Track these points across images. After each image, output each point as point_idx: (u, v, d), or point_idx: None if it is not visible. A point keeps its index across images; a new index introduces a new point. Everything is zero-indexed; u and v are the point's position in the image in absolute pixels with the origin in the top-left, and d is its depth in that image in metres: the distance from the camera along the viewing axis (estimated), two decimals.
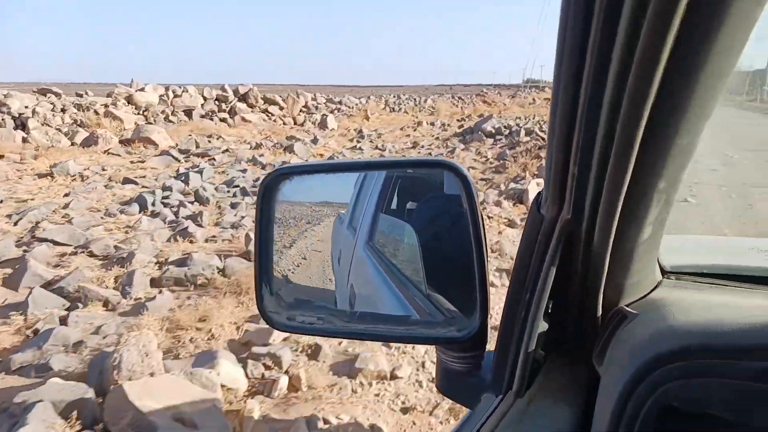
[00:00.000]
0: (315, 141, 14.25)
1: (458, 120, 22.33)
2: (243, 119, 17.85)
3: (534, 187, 7.36)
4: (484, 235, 0.72)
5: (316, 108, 21.82)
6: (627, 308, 0.64)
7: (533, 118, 20.98)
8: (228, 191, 8.67)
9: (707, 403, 0.47)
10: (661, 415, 0.49)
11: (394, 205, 1.07)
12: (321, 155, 12.53)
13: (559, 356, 0.71)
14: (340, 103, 24.68)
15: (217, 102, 18.58)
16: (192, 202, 7.88)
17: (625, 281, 0.65)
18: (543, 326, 0.67)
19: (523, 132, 14.61)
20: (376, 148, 14.19)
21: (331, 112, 22.69)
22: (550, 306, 0.68)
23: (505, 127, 16.06)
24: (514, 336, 0.67)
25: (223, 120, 17.59)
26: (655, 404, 0.49)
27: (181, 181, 9.02)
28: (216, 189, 8.75)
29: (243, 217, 7.00)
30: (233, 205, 7.64)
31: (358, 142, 15.42)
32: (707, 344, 0.49)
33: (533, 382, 0.68)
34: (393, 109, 28.05)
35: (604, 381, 0.59)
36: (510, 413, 0.65)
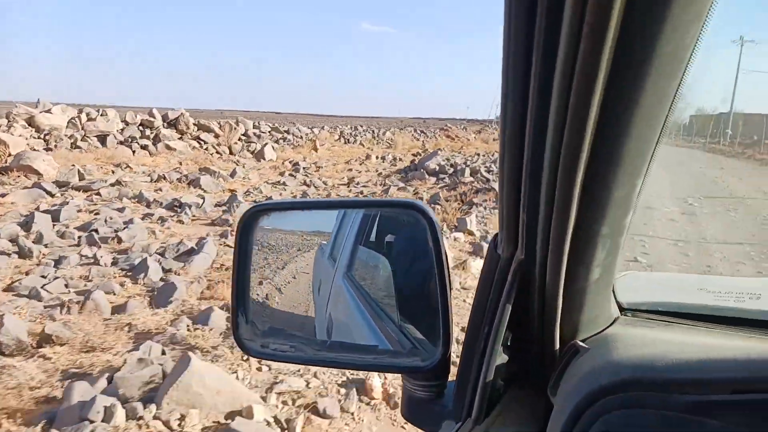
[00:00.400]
0: (233, 174, 12.59)
1: (413, 154, 21.00)
2: (167, 147, 16.13)
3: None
4: (448, 272, 0.76)
5: (258, 137, 20.19)
6: (580, 343, 0.67)
7: (491, 156, 19.87)
8: (77, 238, 6.92)
9: None
10: None
11: (372, 238, 1.10)
12: (233, 191, 10.88)
13: (518, 387, 0.74)
14: (287, 132, 23.05)
15: (141, 127, 16.82)
16: (11, 254, 6.11)
17: (581, 317, 0.68)
18: (503, 358, 0.70)
19: (467, 171, 13.28)
20: (304, 183, 12.64)
21: (276, 141, 21.11)
22: (509, 339, 0.70)
23: (450, 165, 14.72)
24: (474, 366, 0.71)
25: (144, 147, 15.83)
26: None
27: (21, 223, 7.23)
28: (63, 235, 7.00)
29: (55, 278, 5.27)
30: (58, 260, 5.88)
31: (291, 175, 13.85)
32: (645, 378, 0.52)
33: (492, 411, 0.70)
34: (348, 140, 26.62)
35: (555, 411, 0.62)
36: None
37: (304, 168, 15.33)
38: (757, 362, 0.51)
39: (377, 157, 19.53)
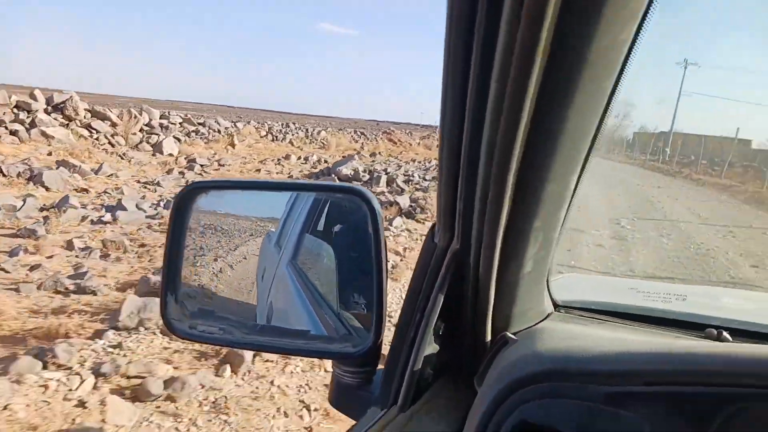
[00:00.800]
0: (99, 170, 10.51)
1: (344, 157, 19.34)
2: (44, 134, 13.78)
3: None
4: (386, 259, 0.75)
5: (166, 128, 17.94)
6: (509, 334, 0.68)
7: (426, 163, 18.58)
8: None
9: (561, 422, 0.51)
10: (520, 431, 0.52)
11: (321, 227, 1.11)
12: (84, 190, 8.86)
13: (448, 377, 0.75)
14: (201, 124, 20.83)
15: (15, 110, 14.36)
16: None
17: (513, 310, 0.69)
18: (434, 348, 0.70)
19: (384, 180, 11.73)
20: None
21: (188, 134, 18.93)
22: (442, 329, 0.71)
23: (367, 171, 13.13)
24: (403, 354, 0.71)
25: (13, 133, 13.42)
26: (514, 422, 0.52)
27: None
28: None
29: None
30: None
31: (181, 173, 11.88)
32: (566, 369, 0.53)
33: (419, 399, 0.70)
34: (276, 137, 24.61)
35: (476, 400, 0.63)
36: (390, 426, 0.67)
37: (202, 165, 13.36)
38: (669, 356, 0.52)
39: (299, 158, 17.73)
